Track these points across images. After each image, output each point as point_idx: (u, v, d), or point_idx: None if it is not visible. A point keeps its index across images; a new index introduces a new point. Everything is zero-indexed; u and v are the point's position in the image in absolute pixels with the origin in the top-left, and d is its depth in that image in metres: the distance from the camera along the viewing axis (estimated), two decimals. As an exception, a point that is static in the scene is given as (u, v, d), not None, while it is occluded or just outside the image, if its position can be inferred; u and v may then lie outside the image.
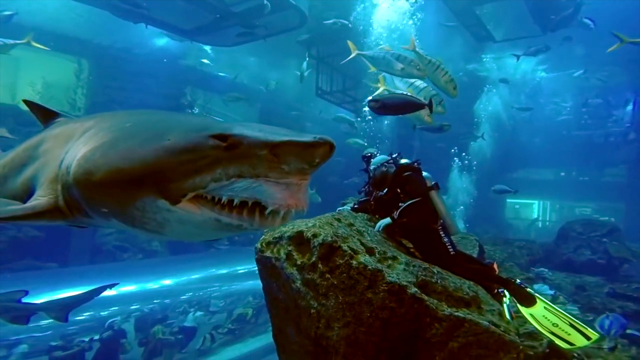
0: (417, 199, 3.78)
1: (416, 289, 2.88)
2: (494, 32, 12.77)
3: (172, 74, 12.77)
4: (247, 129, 1.26)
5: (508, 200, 26.48)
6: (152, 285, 13.16)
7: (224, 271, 13.62)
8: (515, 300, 3.57)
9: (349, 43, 7.43)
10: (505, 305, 3.58)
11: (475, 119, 17.76)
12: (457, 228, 4.09)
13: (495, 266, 4.08)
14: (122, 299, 12.59)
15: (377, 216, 4.33)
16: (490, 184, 20.07)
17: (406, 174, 3.97)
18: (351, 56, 7.37)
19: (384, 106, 5.37)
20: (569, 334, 3.20)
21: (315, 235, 2.95)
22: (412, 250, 4.17)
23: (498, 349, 2.89)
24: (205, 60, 12.96)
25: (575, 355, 5.15)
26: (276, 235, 3.16)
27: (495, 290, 3.74)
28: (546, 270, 10.31)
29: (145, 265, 13.08)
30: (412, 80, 6.41)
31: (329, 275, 2.84)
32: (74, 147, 1.60)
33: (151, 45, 12.80)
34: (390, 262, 3.31)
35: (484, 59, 17.32)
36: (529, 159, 22.23)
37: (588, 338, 3.18)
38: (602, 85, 19.06)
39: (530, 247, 10.44)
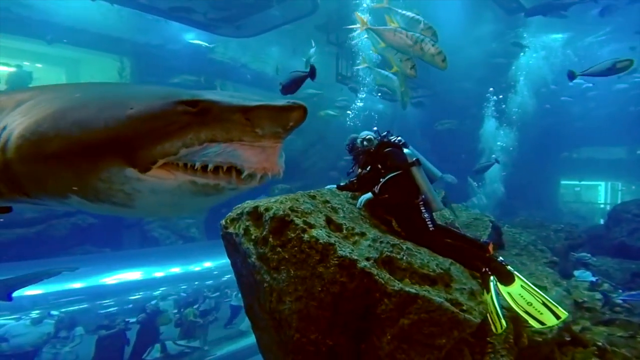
0: (397, 173, 3.76)
1: (366, 263, 2.88)
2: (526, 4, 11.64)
3: (202, 67, 13.40)
4: (217, 95, 1.25)
5: (563, 182, 24.40)
6: (194, 267, 14.20)
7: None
8: (496, 278, 3.46)
9: (357, 16, 7.25)
10: (492, 284, 3.49)
11: (513, 89, 16.40)
12: (439, 204, 4.00)
13: (490, 247, 3.94)
14: (170, 280, 13.78)
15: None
16: (537, 165, 18.60)
17: (386, 149, 3.96)
18: (360, 30, 7.22)
19: (284, 87, 5.96)
20: (541, 313, 3.12)
21: (267, 209, 3.04)
22: (397, 227, 4.14)
23: (452, 327, 2.81)
24: (195, 41, 13.14)
25: (600, 343, 4.83)
26: (239, 212, 3.31)
27: (484, 269, 3.65)
28: (588, 255, 9.50)
29: (187, 250, 14.09)
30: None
31: (280, 249, 2.92)
32: (8, 120, 1.44)
33: (182, 40, 13.52)
34: (357, 238, 3.32)
35: (522, 34, 15.88)
36: (591, 137, 20.14)
37: (558, 317, 3.11)
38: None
39: (570, 230, 9.63)
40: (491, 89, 14.83)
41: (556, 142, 19.69)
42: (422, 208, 3.77)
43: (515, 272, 3.49)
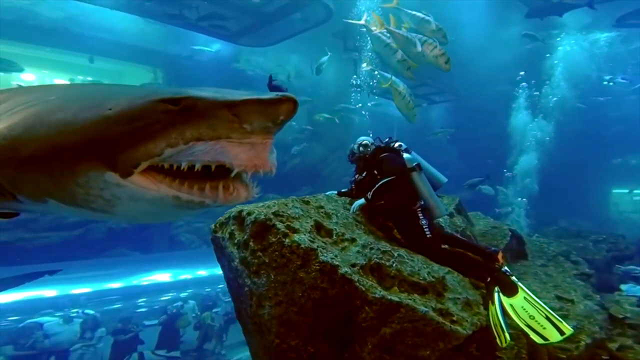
0: (390, 178, 3.66)
1: (347, 269, 2.78)
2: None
3: (227, 77, 13.79)
4: (201, 91, 1.20)
5: (615, 190, 22.47)
6: (219, 271, 14.52)
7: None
8: (499, 289, 3.26)
9: (375, 16, 6.99)
10: (495, 295, 3.30)
11: (547, 81, 15.33)
12: (442, 210, 3.86)
13: (499, 256, 3.72)
14: (197, 282, 14.18)
15: None
16: (581, 172, 17.34)
17: (382, 155, 3.88)
18: (377, 30, 7.01)
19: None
20: (544, 328, 2.93)
21: (249, 214, 3.03)
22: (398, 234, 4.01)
23: (437, 339, 2.64)
24: (197, 47, 13.49)
25: None
26: (227, 216, 3.33)
27: (488, 279, 3.46)
28: (639, 269, 8.66)
29: (212, 253, 14.44)
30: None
31: (261, 254, 2.89)
32: None
33: (208, 52, 14.03)
34: (346, 244, 3.25)
35: (556, 34, 14.84)
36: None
37: (562, 333, 2.90)
38: None
39: (615, 241, 8.80)
40: (522, 73, 13.83)
41: (605, 146, 18.27)
42: (419, 214, 3.63)
43: (519, 284, 3.27)
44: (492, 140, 15.36)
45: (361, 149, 4.06)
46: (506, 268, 3.44)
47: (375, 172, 3.81)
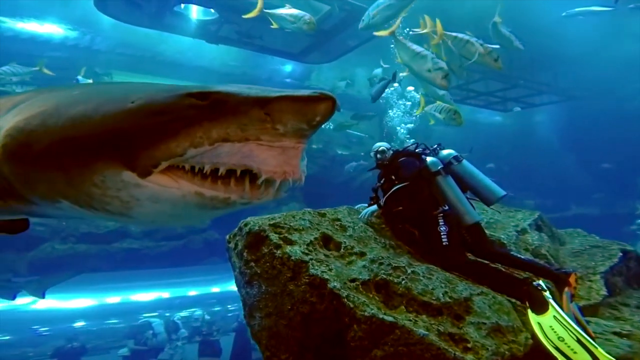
0: (402, 185, 3.40)
1: (336, 284, 2.55)
2: None
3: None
4: (232, 86, 1.10)
5: None
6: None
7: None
8: (528, 305, 2.82)
9: (438, 24, 6.40)
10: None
11: None
12: (473, 216, 3.36)
13: (572, 279, 3.08)
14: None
15: None
16: None
17: (400, 160, 3.62)
18: (435, 42, 6.48)
19: None
20: (575, 352, 2.42)
21: (246, 224, 3.02)
22: None
23: (436, 368, 2.22)
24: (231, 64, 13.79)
25: None
26: (238, 227, 3.37)
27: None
28: None
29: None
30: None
31: (254, 264, 2.84)
32: (1, 122, 1.32)
33: (282, 72, 14.77)
34: (353, 257, 3.04)
35: None
36: None
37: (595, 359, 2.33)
38: None
39: None
40: None
41: None
42: (440, 220, 3.24)
43: (552, 301, 2.72)
44: (621, 142, 12.80)
45: (379, 155, 3.80)
46: (540, 282, 2.88)
47: (393, 177, 3.53)
